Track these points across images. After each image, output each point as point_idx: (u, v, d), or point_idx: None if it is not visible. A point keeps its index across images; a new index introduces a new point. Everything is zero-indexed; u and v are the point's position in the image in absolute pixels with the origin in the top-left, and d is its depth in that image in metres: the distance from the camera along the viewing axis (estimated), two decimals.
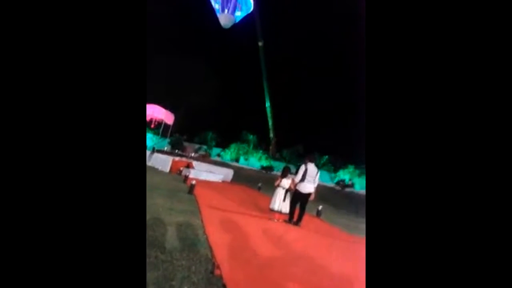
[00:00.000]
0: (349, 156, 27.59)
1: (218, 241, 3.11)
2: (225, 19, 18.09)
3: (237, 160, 29.46)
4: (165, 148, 15.61)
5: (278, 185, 5.42)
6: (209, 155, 27.93)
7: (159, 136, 19.03)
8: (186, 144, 26.59)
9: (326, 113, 36.22)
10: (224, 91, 34.49)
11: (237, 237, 3.46)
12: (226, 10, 17.81)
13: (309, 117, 36.52)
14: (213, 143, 31.74)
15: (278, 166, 28.05)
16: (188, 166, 10.04)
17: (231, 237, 3.42)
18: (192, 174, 8.79)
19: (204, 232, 3.38)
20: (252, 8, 19.01)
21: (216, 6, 18.11)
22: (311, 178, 5.01)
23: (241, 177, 12.99)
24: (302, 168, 5.04)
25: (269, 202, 5.52)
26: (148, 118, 15.78)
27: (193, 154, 15.28)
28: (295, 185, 5.09)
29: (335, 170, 28.42)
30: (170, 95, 26.25)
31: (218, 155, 30.09)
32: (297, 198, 5.07)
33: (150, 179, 7.07)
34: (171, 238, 2.99)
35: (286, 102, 35.59)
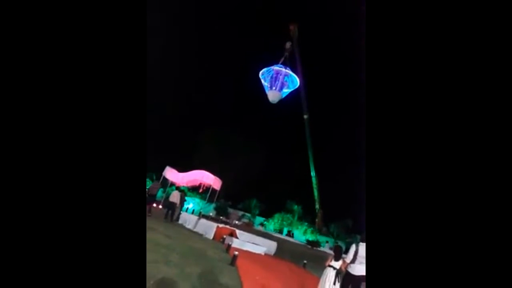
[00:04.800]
0: None
1: None
2: (273, 95, 19.74)
3: (280, 232, 28.09)
4: (210, 214, 15.80)
5: (329, 265, 4.96)
6: (253, 224, 27.24)
7: (206, 201, 19.54)
8: (230, 210, 26.63)
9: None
10: (270, 160, 35.35)
11: None
12: (274, 88, 19.52)
13: (357, 189, 34.57)
14: (257, 211, 31.20)
15: (330, 242, 25.97)
16: (232, 234, 9.87)
17: None
18: (235, 243, 8.57)
19: None
20: (298, 85, 20.54)
21: (265, 84, 19.99)
22: (363, 259, 4.53)
23: (284, 251, 12.18)
24: (353, 247, 4.63)
25: (317, 284, 5.00)
26: (197, 183, 16.61)
27: (236, 222, 15.11)
28: (346, 266, 4.62)
29: None
30: (219, 163, 27.76)
31: (262, 224, 29.17)
32: (348, 282, 4.54)
33: (194, 244, 7.07)
34: None
35: (333, 173, 34.76)
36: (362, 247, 4.62)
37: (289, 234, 26.41)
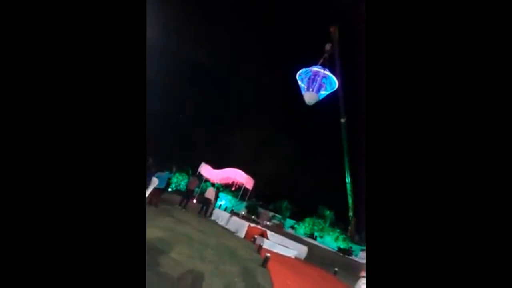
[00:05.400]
0: None
1: None
2: (309, 97, 19.29)
3: (311, 236, 27.57)
4: (242, 212, 16.01)
5: (363, 276, 4.77)
6: (283, 225, 27.08)
7: (237, 199, 19.86)
8: (261, 210, 26.75)
9: None
10: (304, 163, 34.90)
11: None
12: (311, 89, 19.09)
13: None
14: (288, 214, 30.95)
15: (357, 250, 24.98)
16: (262, 234, 9.90)
17: None
18: (266, 244, 8.58)
19: None
20: (336, 87, 19.88)
21: (302, 85, 19.60)
22: None
23: (315, 256, 11.95)
24: None
25: None
26: (230, 181, 16.92)
27: (267, 222, 15.12)
28: None
29: None
30: (253, 162, 28.07)
31: (292, 227, 28.88)
32: None
33: (226, 242, 7.22)
34: None
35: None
36: None
37: (313, 237, 25.82)
